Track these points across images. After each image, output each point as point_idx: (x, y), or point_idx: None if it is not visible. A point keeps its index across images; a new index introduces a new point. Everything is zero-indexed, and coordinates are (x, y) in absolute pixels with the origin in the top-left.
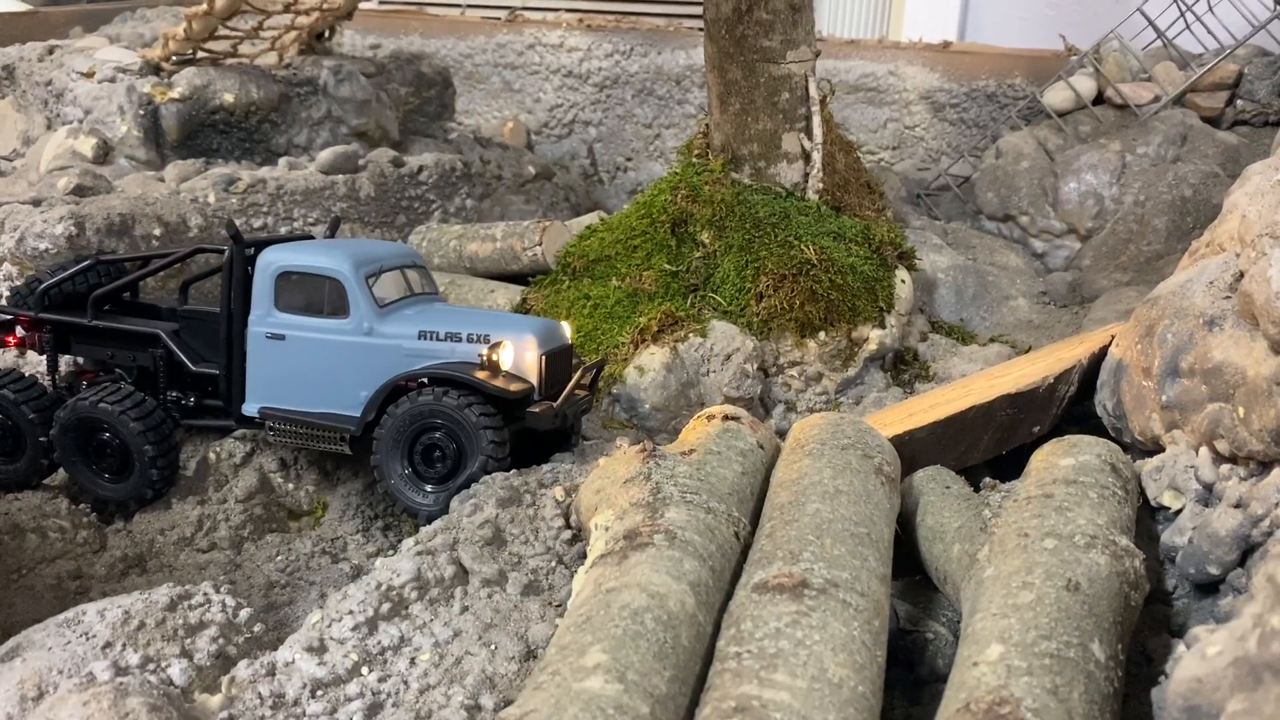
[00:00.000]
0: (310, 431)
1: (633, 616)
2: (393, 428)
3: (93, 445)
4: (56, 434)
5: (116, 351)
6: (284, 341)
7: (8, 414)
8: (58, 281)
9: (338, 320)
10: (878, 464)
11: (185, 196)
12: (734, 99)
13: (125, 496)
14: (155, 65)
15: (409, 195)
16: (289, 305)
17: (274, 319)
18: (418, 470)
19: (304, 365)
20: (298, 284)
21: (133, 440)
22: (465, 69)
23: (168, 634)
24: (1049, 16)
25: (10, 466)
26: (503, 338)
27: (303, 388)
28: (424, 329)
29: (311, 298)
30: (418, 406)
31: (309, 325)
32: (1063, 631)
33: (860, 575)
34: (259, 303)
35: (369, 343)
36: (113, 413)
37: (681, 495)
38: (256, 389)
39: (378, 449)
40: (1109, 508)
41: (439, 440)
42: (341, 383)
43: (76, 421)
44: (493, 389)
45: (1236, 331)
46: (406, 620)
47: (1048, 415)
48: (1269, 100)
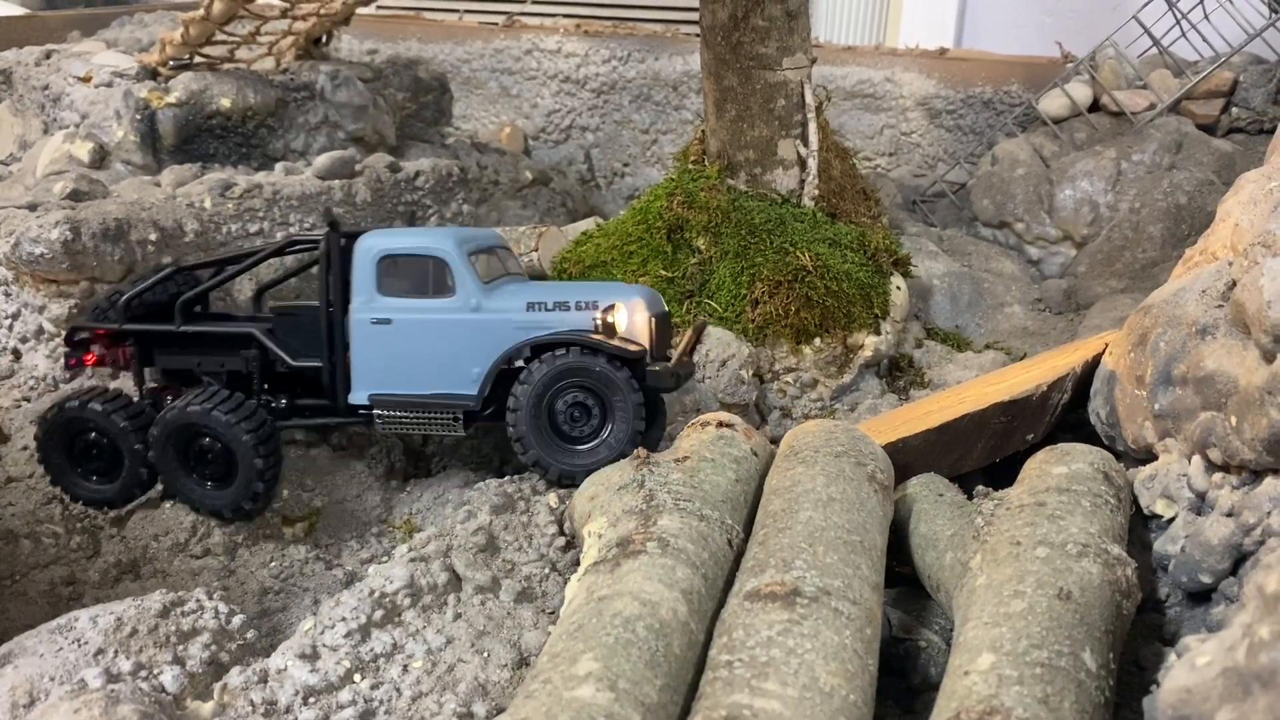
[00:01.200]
0: (423, 414)
1: (625, 625)
2: (531, 393)
3: (193, 454)
4: (157, 443)
5: (204, 359)
6: (390, 326)
7: (104, 431)
8: (139, 292)
9: (444, 300)
10: (871, 471)
11: (181, 202)
12: (730, 106)
13: (227, 505)
14: (152, 70)
15: (405, 200)
16: (393, 289)
17: (378, 304)
18: (560, 432)
19: (413, 348)
20: (400, 267)
21: (240, 447)
22: (463, 74)
23: (160, 641)
24: (1045, 23)
25: (106, 485)
26: (612, 302)
27: (412, 370)
28: (531, 300)
29: (416, 279)
30: (558, 367)
31: (415, 307)
32: (1054, 640)
33: (852, 583)
34: (361, 289)
35: (478, 319)
36: (222, 420)
37: (675, 503)
38: (363, 377)
39: (515, 421)
40: (1101, 516)
41: (581, 399)
42: (452, 362)
43: (178, 429)
44: (614, 349)
45: (1229, 340)
46: (399, 627)
47: (1041, 423)
48: (1264, 108)
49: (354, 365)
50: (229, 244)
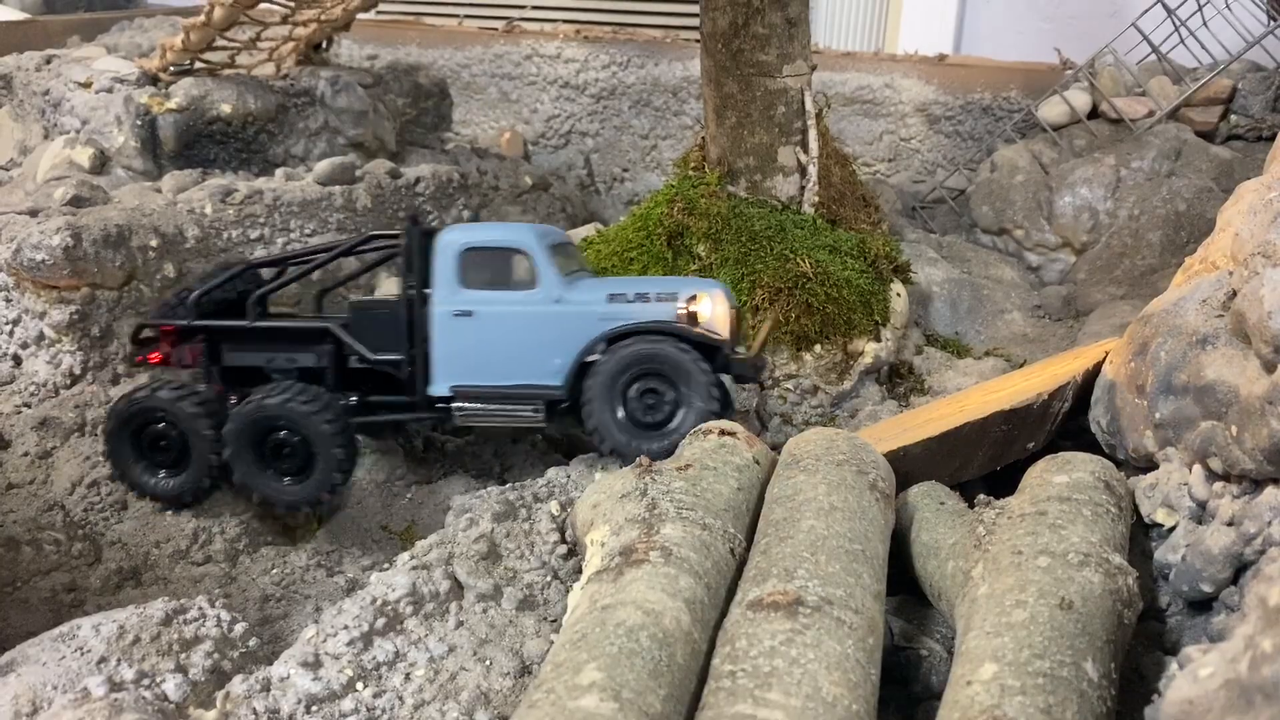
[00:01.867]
0: (505, 406)
1: (628, 634)
2: (603, 382)
3: (269, 449)
4: (232, 440)
5: (275, 355)
6: (473, 318)
7: (175, 422)
8: (209, 289)
9: (526, 291)
10: (872, 480)
11: (182, 207)
12: (730, 113)
13: (302, 499)
14: (153, 76)
15: (406, 206)
16: (475, 281)
17: (460, 296)
18: (635, 420)
19: (495, 339)
20: (483, 260)
21: (320, 438)
22: (462, 79)
23: (162, 649)
24: (1044, 30)
25: (174, 480)
26: (694, 293)
27: (495, 362)
28: (613, 292)
29: (498, 272)
30: (631, 354)
31: (498, 299)
32: (1056, 650)
33: (854, 593)
34: (442, 282)
35: (561, 310)
36: (301, 410)
37: (677, 511)
38: (444, 369)
39: (589, 411)
40: (1102, 525)
41: (655, 386)
42: (535, 352)
43: (255, 424)
44: (700, 336)
45: (1229, 350)
46: (401, 635)
47: (1042, 432)
48: (1262, 115)
49: (435, 358)
50: (229, 250)
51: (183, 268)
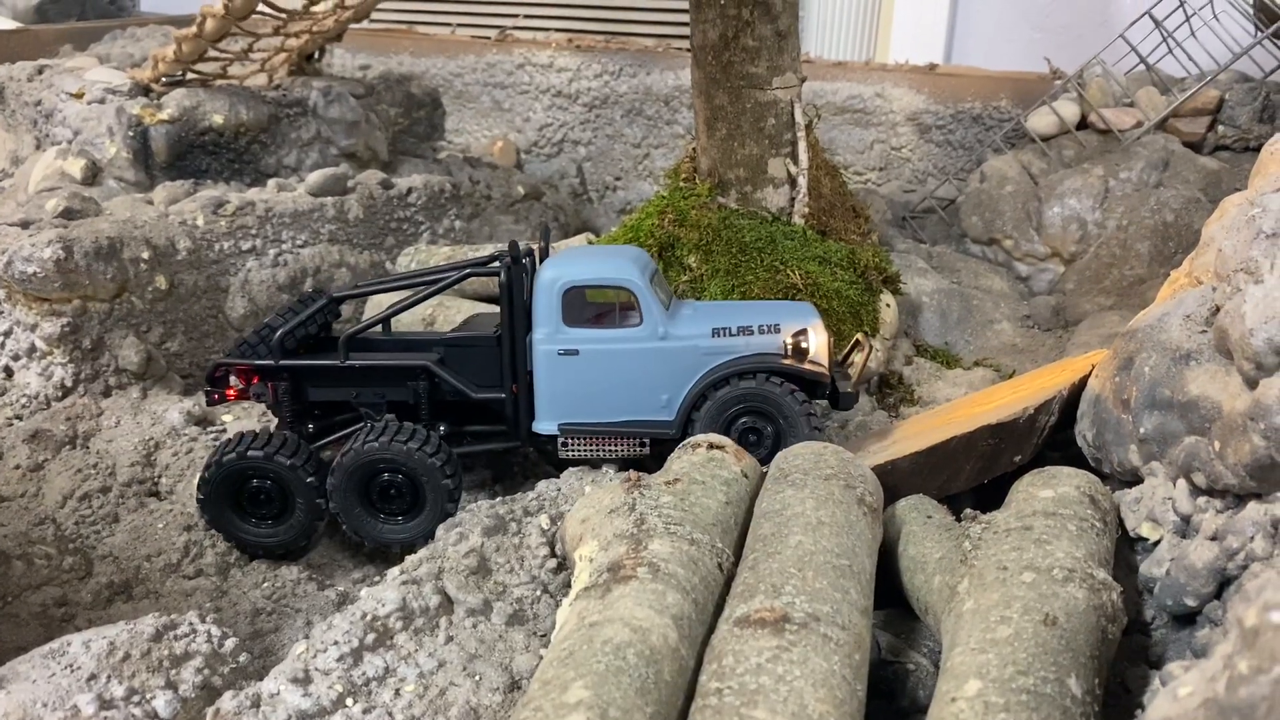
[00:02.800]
0: (613, 442)
1: (615, 652)
2: (707, 418)
3: (375, 492)
4: (337, 490)
5: (363, 390)
6: (577, 357)
7: (274, 477)
8: (294, 326)
9: (631, 329)
10: (860, 494)
11: (174, 219)
12: (720, 124)
13: (420, 534)
14: (145, 86)
15: (397, 217)
16: (578, 319)
17: (564, 335)
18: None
19: (601, 377)
20: (583, 302)
21: (428, 472)
22: (455, 88)
23: (153, 665)
24: (1035, 40)
25: (278, 528)
26: (794, 326)
27: (601, 399)
28: (716, 326)
29: (602, 309)
30: (736, 393)
31: (603, 338)
32: (1040, 667)
33: (841, 608)
34: (544, 320)
35: (666, 347)
36: (404, 449)
37: (665, 526)
38: (549, 407)
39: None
40: (1087, 540)
41: (755, 425)
42: (641, 389)
43: (358, 470)
44: (814, 375)
45: (1212, 366)
46: (391, 651)
47: (1029, 445)
48: (1249, 126)
49: (539, 395)
50: (221, 261)
51: (174, 279)
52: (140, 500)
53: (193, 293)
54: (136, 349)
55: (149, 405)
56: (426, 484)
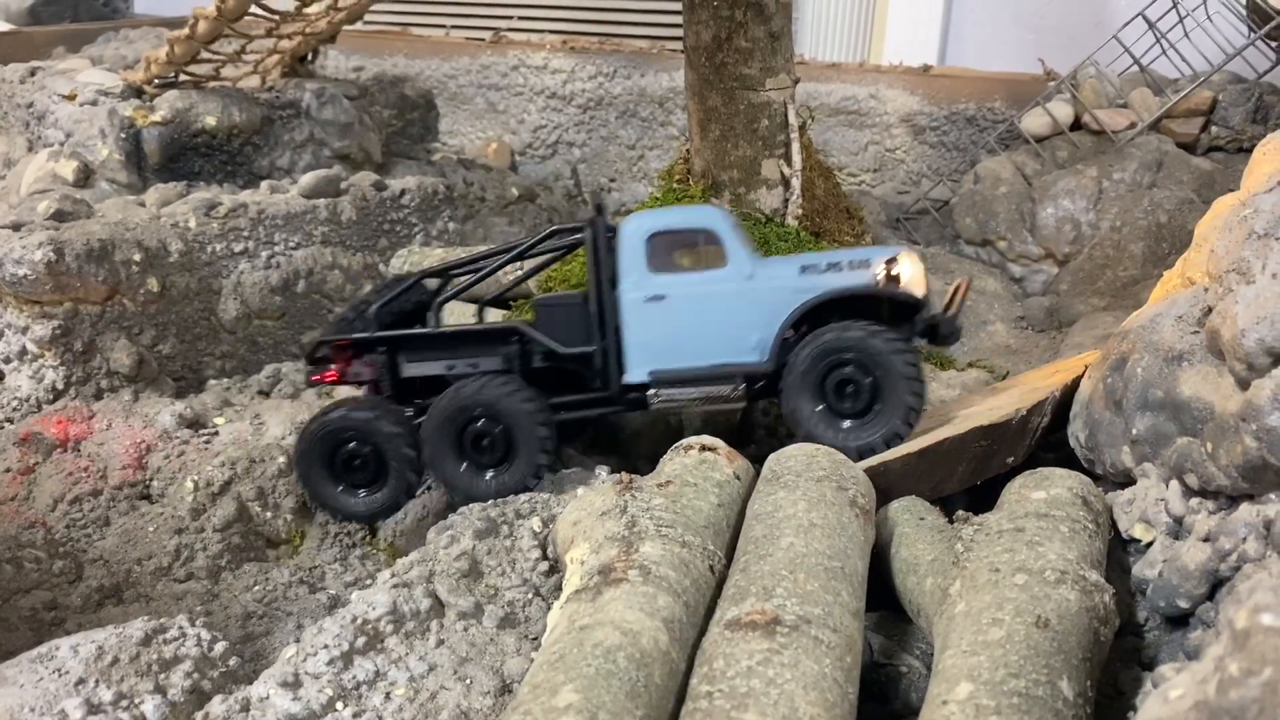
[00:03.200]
0: (704, 388)
1: (605, 655)
2: (798, 369)
3: (468, 443)
4: (429, 437)
5: (457, 361)
6: (665, 302)
7: (368, 438)
8: (387, 301)
9: (717, 270)
10: (852, 496)
11: (166, 221)
12: (714, 125)
13: (513, 486)
14: (137, 88)
15: (391, 219)
16: (663, 266)
17: (650, 282)
18: (832, 408)
19: (690, 321)
20: (668, 245)
21: (521, 418)
22: (449, 90)
23: (141, 669)
24: (1029, 40)
25: (372, 496)
26: (885, 257)
27: (691, 344)
28: (805, 264)
29: (686, 256)
30: (834, 342)
31: (690, 281)
32: (1032, 670)
33: (833, 611)
34: (630, 270)
35: (754, 286)
36: (496, 393)
37: (657, 529)
38: (639, 356)
39: (786, 397)
40: (1079, 542)
41: (851, 375)
42: (731, 331)
43: (451, 418)
44: (908, 297)
45: (1204, 367)
46: (382, 654)
47: (1021, 447)
48: (1243, 127)
49: (628, 345)
50: (213, 264)
51: (166, 282)
52: (131, 503)
53: (185, 295)
54: (128, 351)
55: (140, 408)
56: (521, 432)
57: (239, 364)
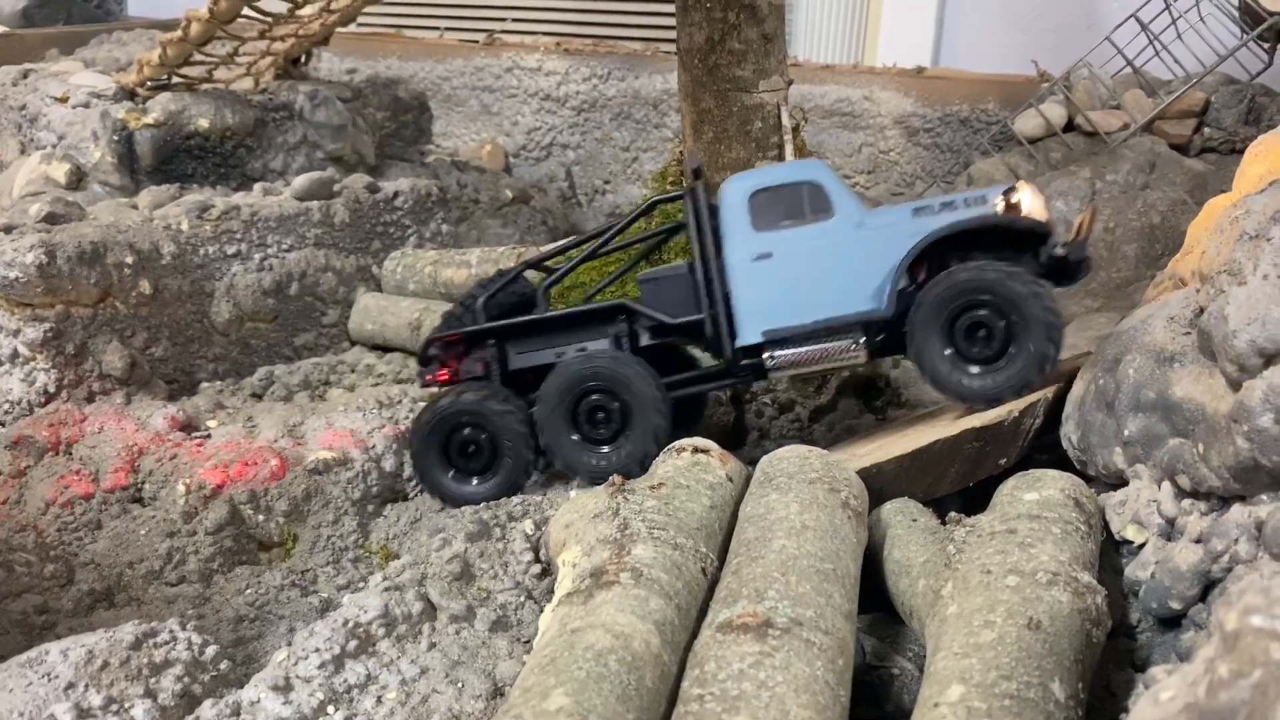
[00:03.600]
0: (821, 344)
1: (596, 658)
2: (928, 306)
3: (582, 418)
4: (545, 408)
5: (564, 347)
6: (772, 259)
7: (484, 425)
8: (493, 293)
9: (824, 222)
10: (845, 498)
11: (158, 224)
12: (707, 127)
13: (621, 467)
14: (130, 91)
15: (384, 221)
16: (767, 223)
17: (756, 241)
18: (961, 352)
19: (800, 275)
20: (771, 200)
21: (646, 397)
22: (443, 91)
23: (131, 673)
24: (1022, 42)
25: (487, 484)
26: (1002, 188)
27: (802, 299)
28: (916, 207)
29: (790, 208)
30: (959, 282)
31: (797, 235)
32: (1023, 672)
33: (825, 613)
34: (734, 232)
35: (866, 234)
36: (615, 362)
37: (649, 531)
38: (750, 318)
39: (912, 337)
40: (1071, 543)
41: (985, 318)
42: (845, 281)
43: (574, 384)
44: (1033, 224)
45: (1196, 368)
46: (373, 658)
47: (1014, 448)
48: (1235, 128)
49: (739, 308)
50: (206, 266)
51: (159, 284)
52: (123, 506)
53: (177, 297)
54: (120, 354)
55: (133, 411)
56: (639, 409)
57: (231, 366)
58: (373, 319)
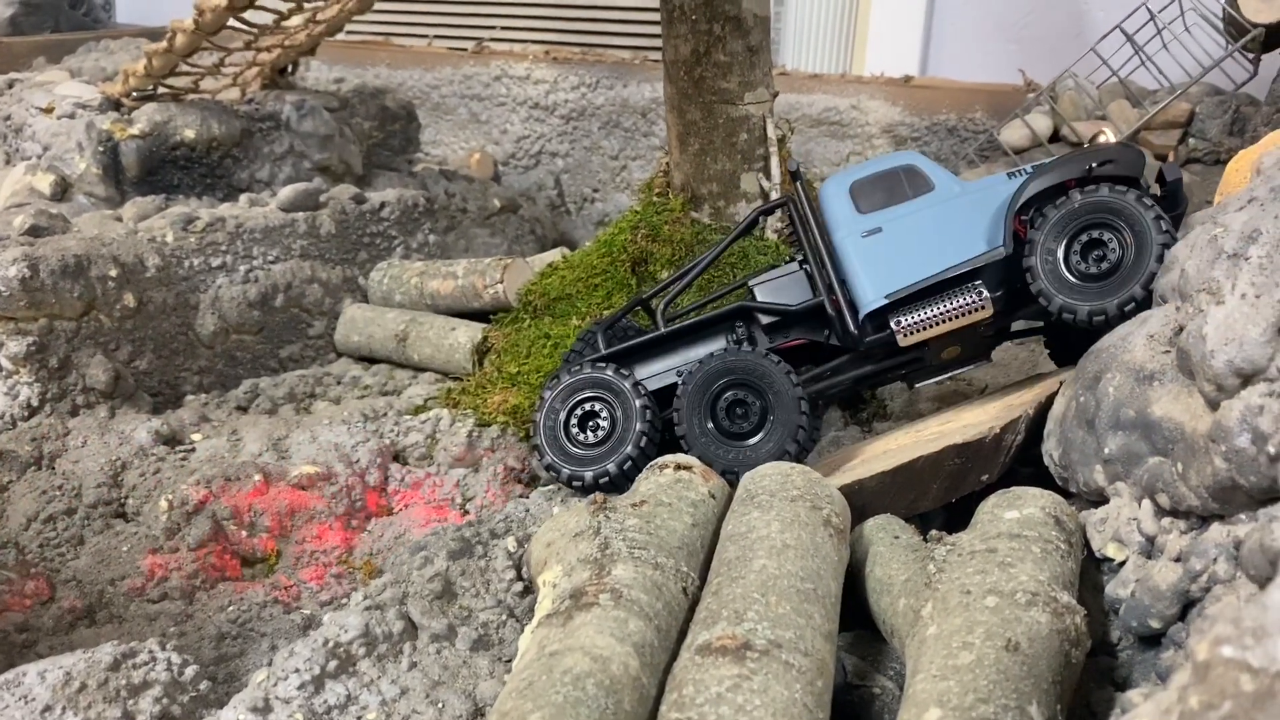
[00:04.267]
0: (946, 302)
1: (574, 682)
2: (1052, 231)
3: (720, 409)
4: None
5: (685, 363)
6: (882, 233)
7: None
8: (613, 320)
9: (926, 195)
10: (826, 515)
11: (143, 236)
12: (693, 139)
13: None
14: (115, 101)
15: (370, 232)
16: (871, 205)
17: (862, 220)
18: (1081, 274)
19: (914, 238)
20: (871, 188)
21: (785, 391)
22: (432, 100)
23: (109, 695)
24: (1010, 51)
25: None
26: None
27: (918, 258)
28: (1009, 171)
29: (891, 191)
30: (1085, 203)
31: (902, 210)
32: (1001, 694)
33: (805, 634)
34: (839, 221)
35: (969, 196)
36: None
37: (630, 551)
38: (869, 286)
39: (1033, 272)
40: (1051, 563)
41: (1102, 238)
42: (957, 236)
43: (709, 378)
44: (1126, 159)
45: (1175, 387)
46: (354, 678)
47: (996, 464)
48: (1220, 139)
49: (856, 283)
50: (191, 278)
51: (143, 297)
52: (106, 522)
53: (162, 310)
54: (104, 368)
55: (117, 425)
56: (778, 402)
57: (217, 379)
58: (359, 330)
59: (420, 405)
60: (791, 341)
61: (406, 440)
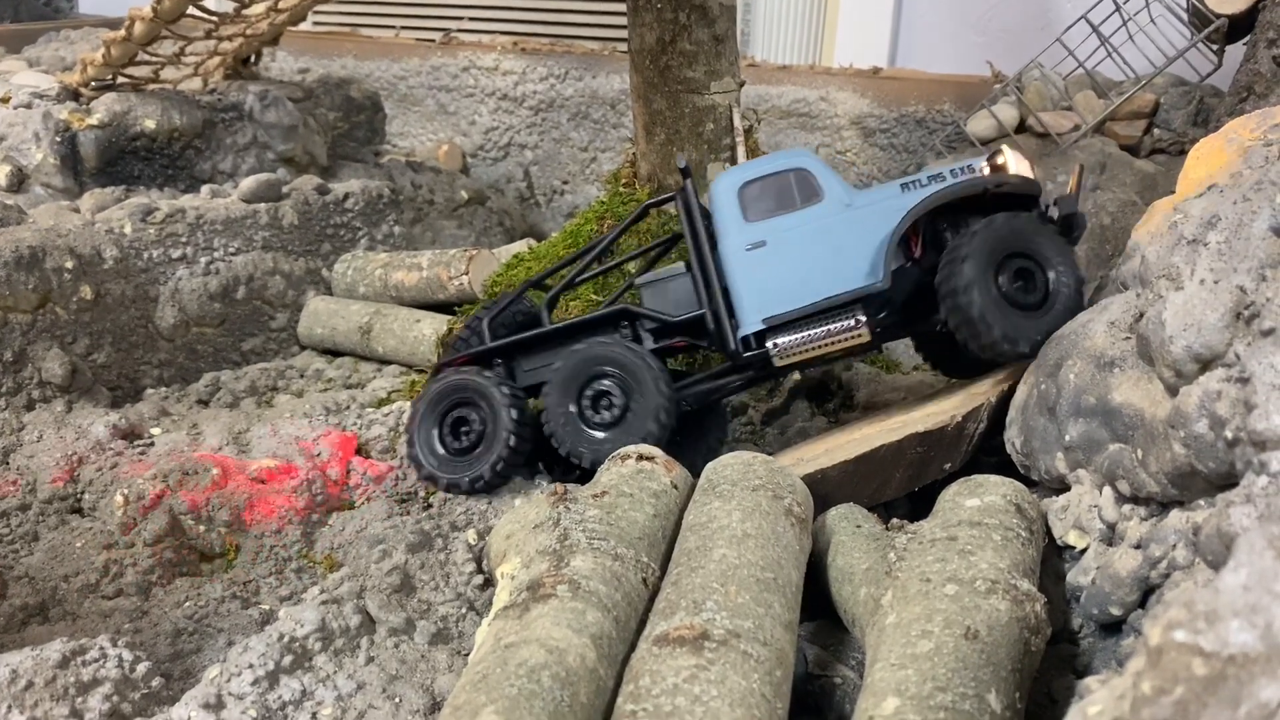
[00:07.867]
0: (823, 326)
1: (529, 675)
2: (979, 255)
3: (585, 398)
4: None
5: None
6: (767, 247)
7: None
8: (498, 313)
9: (814, 206)
10: (788, 505)
11: (100, 228)
12: (659, 129)
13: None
14: (73, 91)
15: (334, 223)
16: (758, 213)
17: (748, 231)
18: (1008, 297)
19: (795, 260)
20: (761, 192)
21: (640, 378)
22: (400, 91)
23: (57, 693)
24: (977, 43)
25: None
26: (991, 152)
27: (799, 283)
28: (904, 183)
29: (780, 196)
30: (994, 231)
31: (788, 222)
32: (959, 683)
33: (764, 624)
34: (726, 226)
35: (856, 213)
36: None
37: (589, 542)
38: (750, 306)
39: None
40: (1012, 550)
41: (1025, 266)
42: (840, 261)
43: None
44: (1027, 186)
45: (1136, 373)
46: (309, 673)
47: (958, 453)
48: (1184, 129)
49: (738, 299)
50: (150, 270)
51: (101, 289)
52: (61, 518)
53: (120, 302)
54: (60, 361)
55: (73, 419)
56: (636, 390)
57: (177, 372)
58: (322, 323)
59: (384, 398)
60: (675, 343)
61: (369, 433)
